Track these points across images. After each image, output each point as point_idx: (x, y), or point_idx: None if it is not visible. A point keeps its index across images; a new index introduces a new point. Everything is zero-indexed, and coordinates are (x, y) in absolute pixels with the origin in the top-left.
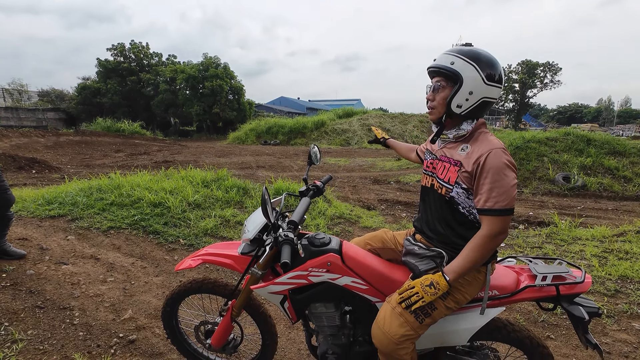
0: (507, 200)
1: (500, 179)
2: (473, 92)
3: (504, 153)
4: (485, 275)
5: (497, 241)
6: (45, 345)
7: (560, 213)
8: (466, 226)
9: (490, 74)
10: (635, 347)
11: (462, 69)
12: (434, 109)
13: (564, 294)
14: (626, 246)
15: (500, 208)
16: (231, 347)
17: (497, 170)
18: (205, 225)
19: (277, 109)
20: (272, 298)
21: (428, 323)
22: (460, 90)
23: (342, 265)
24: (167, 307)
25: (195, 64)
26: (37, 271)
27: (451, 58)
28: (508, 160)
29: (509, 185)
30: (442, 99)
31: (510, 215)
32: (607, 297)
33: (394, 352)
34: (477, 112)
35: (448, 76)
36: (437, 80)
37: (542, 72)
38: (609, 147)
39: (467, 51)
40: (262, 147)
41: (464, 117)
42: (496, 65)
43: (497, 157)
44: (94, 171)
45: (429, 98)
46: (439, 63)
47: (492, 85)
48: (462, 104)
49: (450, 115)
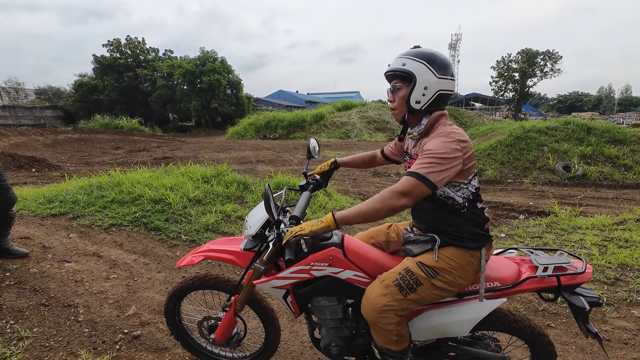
0: (428, 170)
1: (433, 153)
2: (428, 87)
3: (446, 136)
4: (479, 260)
5: (396, 200)
6: (51, 343)
7: (560, 202)
8: (447, 209)
9: (440, 69)
10: (634, 334)
11: (414, 68)
12: (396, 109)
13: (565, 285)
14: (626, 234)
15: (415, 171)
16: (235, 341)
17: (433, 146)
18: (206, 221)
19: (275, 103)
20: (275, 292)
21: (413, 298)
22: (415, 87)
23: (344, 258)
24: (170, 304)
25: (192, 58)
26: (41, 269)
27: (402, 60)
28: (448, 143)
29: (436, 157)
30: (401, 98)
31: (425, 185)
32: (607, 285)
33: (377, 321)
34: (436, 105)
35: (403, 77)
36: (395, 82)
37: (542, 60)
38: (609, 136)
39: (416, 52)
40: (262, 142)
41: (425, 112)
42: (444, 60)
43: (436, 139)
44: (93, 169)
45: (389, 100)
46: (393, 67)
47: (444, 78)
48: (420, 100)
49: (411, 112)
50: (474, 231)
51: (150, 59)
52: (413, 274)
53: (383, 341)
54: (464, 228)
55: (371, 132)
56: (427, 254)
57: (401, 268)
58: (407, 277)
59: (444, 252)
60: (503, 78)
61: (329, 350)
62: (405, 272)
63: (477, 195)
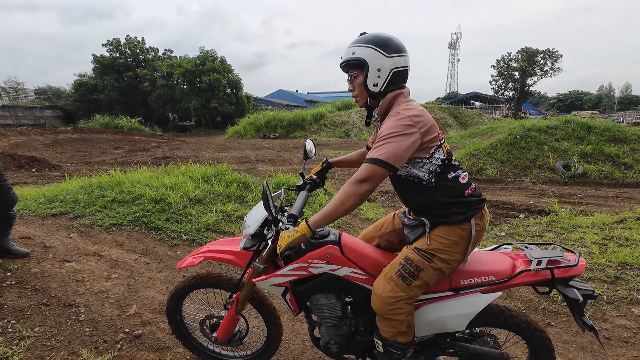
0: (382, 152)
1: (385, 135)
2: (380, 68)
3: (397, 115)
4: (470, 232)
5: (359, 187)
6: (52, 342)
7: (560, 201)
8: (416, 188)
9: (388, 48)
10: (635, 332)
11: (363, 53)
12: (358, 97)
13: (559, 277)
14: (626, 233)
15: (370, 156)
16: (237, 339)
17: (385, 129)
18: (206, 221)
19: (275, 102)
20: (274, 290)
21: (418, 285)
22: (369, 72)
23: (342, 256)
24: (172, 303)
25: (192, 58)
26: (42, 269)
27: (351, 49)
28: (399, 120)
29: (390, 142)
30: (359, 85)
31: (382, 167)
32: (607, 283)
33: (389, 313)
34: (394, 84)
35: (356, 65)
36: (351, 72)
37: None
38: (609, 134)
39: (361, 39)
40: (262, 141)
41: (385, 94)
42: (389, 39)
43: (391, 121)
44: (93, 168)
45: (350, 90)
46: (344, 58)
47: (395, 56)
48: (377, 82)
49: (372, 96)
50: (453, 202)
51: (150, 58)
52: (412, 261)
53: (392, 333)
54: (443, 201)
55: (371, 131)
56: (422, 239)
57: (401, 258)
58: (408, 266)
59: (435, 232)
60: (503, 77)
61: (328, 348)
62: (405, 261)
63: (447, 166)
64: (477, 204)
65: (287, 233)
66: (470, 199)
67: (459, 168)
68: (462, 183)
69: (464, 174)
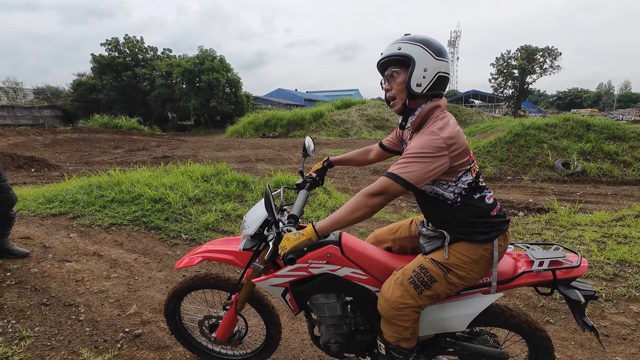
0: (405, 170)
1: (414, 152)
2: (427, 68)
3: (432, 134)
4: (491, 253)
5: (372, 200)
6: (52, 342)
7: (559, 199)
8: (445, 207)
9: (437, 50)
10: (633, 329)
11: (411, 50)
12: (395, 98)
13: (561, 279)
14: (625, 230)
15: (391, 171)
16: (236, 339)
17: (416, 144)
18: (206, 220)
19: (274, 101)
20: (274, 290)
21: (429, 295)
22: (415, 70)
23: (342, 256)
24: (170, 304)
25: (191, 57)
26: (41, 269)
27: (397, 45)
28: (432, 141)
29: (416, 161)
30: (399, 84)
31: (399, 184)
32: (605, 281)
33: (395, 318)
34: (436, 89)
35: (400, 61)
36: (391, 69)
37: (541, 57)
38: (608, 132)
39: (408, 37)
40: (261, 140)
41: (425, 98)
42: (437, 42)
43: (424, 138)
44: (93, 168)
45: (386, 89)
46: (388, 52)
47: (441, 60)
48: (421, 82)
49: (412, 97)
50: (479, 222)
51: (149, 57)
52: (427, 271)
53: (395, 338)
54: (467, 221)
55: (370, 130)
56: (439, 251)
57: (415, 265)
58: (422, 275)
59: (454, 247)
60: (502, 75)
61: (328, 347)
62: (419, 269)
63: (473, 189)
64: (502, 224)
65: (292, 236)
66: (495, 219)
67: (486, 189)
68: (488, 204)
69: (490, 194)
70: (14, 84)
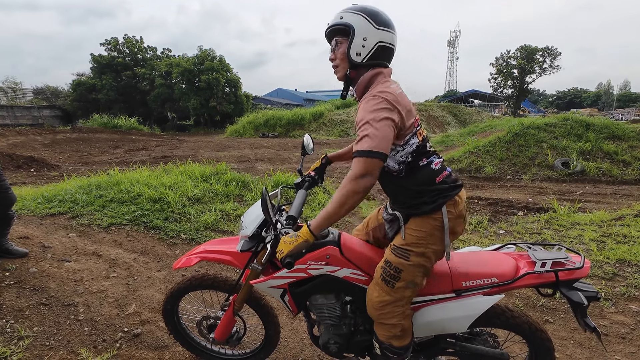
0: (369, 143)
1: (366, 122)
2: (367, 37)
3: (373, 97)
4: (441, 222)
5: (359, 183)
6: (51, 342)
7: (559, 199)
8: (391, 178)
9: (378, 19)
10: (632, 328)
11: (351, 19)
12: (338, 67)
13: (563, 280)
14: (624, 230)
15: (362, 149)
16: (235, 339)
17: (363, 115)
18: (205, 220)
19: (274, 101)
20: (272, 292)
21: (402, 286)
22: (354, 39)
23: (341, 257)
24: (168, 305)
25: (190, 57)
26: (40, 269)
27: (340, 14)
28: (376, 104)
29: (372, 128)
30: (342, 53)
31: (375, 158)
32: (605, 280)
33: (379, 318)
34: (377, 59)
35: (342, 30)
36: (335, 38)
37: (541, 57)
38: (608, 132)
39: (352, 6)
40: (261, 140)
41: (367, 67)
42: (381, 12)
43: (367, 102)
44: (92, 168)
45: (331, 58)
46: (331, 22)
47: (383, 30)
48: (360, 52)
49: (354, 67)
50: (423, 191)
51: (149, 57)
52: (391, 263)
53: (386, 337)
54: (412, 190)
55: None
56: (399, 235)
57: (382, 261)
58: (387, 269)
59: (408, 226)
60: (502, 75)
61: (327, 347)
62: (384, 263)
63: (420, 153)
64: (449, 190)
65: (288, 239)
66: (441, 186)
67: (434, 154)
68: (434, 169)
69: (437, 160)
70: (13, 83)
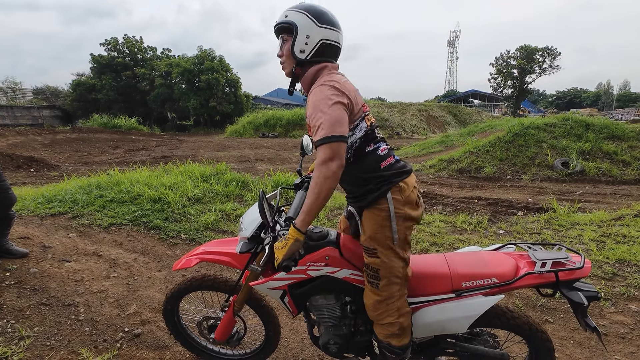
0: (326, 129)
1: (317, 111)
2: (310, 35)
3: (320, 87)
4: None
5: (328, 167)
6: (52, 342)
7: (559, 199)
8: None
9: (320, 18)
10: (631, 328)
11: (295, 17)
12: (284, 63)
13: (563, 280)
14: (624, 230)
15: (321, 137)
16: (235, 340)
17: (314, 105)
18: (205, 220)
19: (274, 101)
20: (272, 293)
21: (385, 284)
22: (298, 37)
23: (340, 258)
24: (168, 305)
25: (190, 57)
26: (41, 269)
27: (285, 13)
28: (323, 92)
29: (325, 114)
30: (287, 50)
31: (336, 141)
32: (604, 280)
33: (376, 319)
34: (321, 56)
35: (287, 29)
36: (282, 36)
37: (540, 57)
38: (607, 132)
39: (297, 5)
40: (260, 140)
41: (312, 64)
42: (325, 11)
43: (314, 94)
44: (92, 168)
45: (278, 55)
46: (277, 20)
47: (326, 28)
48: (303, 49)
49: (299, 64)
50: (369, 177)
51: (148, 57)
52: (368, 264)
53: (384, 335)
54: (359, 178)
55: None
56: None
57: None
58: (368, 270)
59: (364, 221)
60: (502, 75)
61: (328, 348)
62: (365, 266)
63: (368, 139)
64: (393, 177)
65: (279, 244)
66: (386, 172)
67: (382, 141)
68: (380, 155)
69: (384, 146)
70: (13, 84)
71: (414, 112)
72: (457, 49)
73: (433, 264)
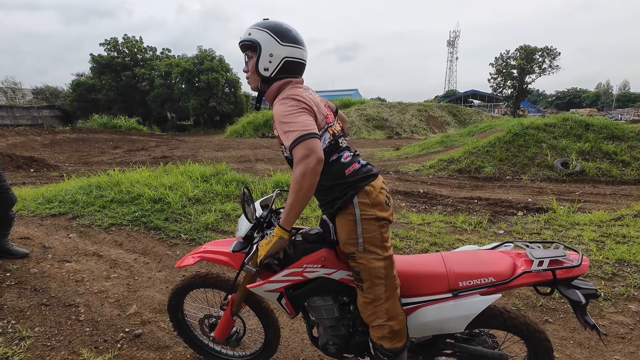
0: (297, 131)
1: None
2: (273, 54)
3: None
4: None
5: (306, 164)
6: (52, 342)
7: (558, 199)
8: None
9: (283, 37)
10: (631, 328)
11: (258, 36)
12: (250, 79)
13: (561, 278)
14: (624, 230)
15: (292, 140)
16: (234, 339)
17: (278, 118)
18: (206, 220)
19: None
20: (269, 296)
21: (368, 286)
22: (261, 55)
23: (337, 259)
24: (173, 301)
25: (190, 57)
26: (41, 269)
27: (248, 31)
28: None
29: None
30: (252, 67)
31: (308, 138)
32: (604, 280)
33: (367, 320)
34: (286, 73)
35: (251, 46)
36: (247, 52)
37: (540, 57)
38: (607, 132)
39: (260, 23)
40: (260, 140)
41: (277, 79)
42: (288, 29)
43: (276, 108)
44: (92, 168)
45: (244, 70)
46: (242, 38)
47: (289, 46)
48: (267, 67)
49: (265, 81)
50: (334, 186)
51: (148, 57)
52: (352, 268)
53: (376, 337)
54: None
55: (370, 129)
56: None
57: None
58: (352, 274)
59: (337, 228)
60: (501, 75)
61: (327, 348)
62: (351, 270)
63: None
64: (359, 182)
65: (264, 241)
66: (351, 178)
67: (346, 149)
68: (344, 162)
69: (347, 153)
70: (12, 84)
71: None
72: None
73: (430, 263)
